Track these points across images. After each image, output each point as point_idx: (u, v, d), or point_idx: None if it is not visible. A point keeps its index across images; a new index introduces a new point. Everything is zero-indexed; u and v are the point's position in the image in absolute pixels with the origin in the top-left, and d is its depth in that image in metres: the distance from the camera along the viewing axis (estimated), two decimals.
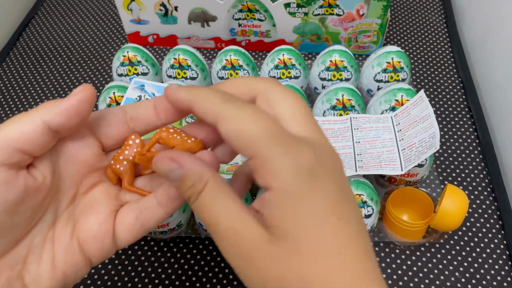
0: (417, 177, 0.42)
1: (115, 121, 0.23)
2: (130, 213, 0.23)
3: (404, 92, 0.44)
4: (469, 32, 0.60)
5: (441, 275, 0.40)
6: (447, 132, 0.50)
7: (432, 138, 0.37)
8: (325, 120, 0.43)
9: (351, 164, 0.40)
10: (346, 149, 0.41)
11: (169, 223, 0.38)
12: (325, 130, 0.43)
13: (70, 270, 0.22)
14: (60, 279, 0.22)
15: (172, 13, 0.56)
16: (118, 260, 0.41)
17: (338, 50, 0.48)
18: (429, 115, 0.38)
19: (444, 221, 0.37)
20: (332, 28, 0.55)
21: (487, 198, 0.45)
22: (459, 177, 0.46)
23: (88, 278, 0.40)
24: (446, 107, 0.53)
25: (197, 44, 0.59)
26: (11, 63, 0.59)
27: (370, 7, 0.52)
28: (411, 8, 0.65)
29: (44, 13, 0.66)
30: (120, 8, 0.56)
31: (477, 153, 0.48)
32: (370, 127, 0.42)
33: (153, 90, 0.43)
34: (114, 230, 0.23)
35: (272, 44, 0.58)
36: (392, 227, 0.40)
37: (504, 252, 0.41)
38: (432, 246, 0.41)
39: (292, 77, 0.48)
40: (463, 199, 0.37)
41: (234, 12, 0.55)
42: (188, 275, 0.40)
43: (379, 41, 0.57)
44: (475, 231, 0.42)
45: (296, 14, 0.54)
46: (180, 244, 0.42)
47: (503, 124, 0.48)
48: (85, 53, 0.60)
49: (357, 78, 0.49)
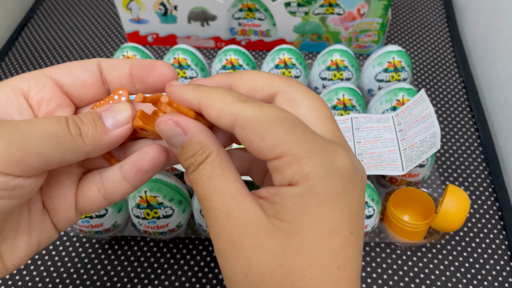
0: (418, 177, 0.42)
1: (91, 82, 0.22)
2: (92, 186, 0.22)
3: (405, 92, 0.43)
4: (471, 31, 0.59)
5: (442, 276, 0.39)
6: (448, 132, 0.50)
7: (433, 138, 0.37)
8: None
9: None
10: None
11: (168, 224, 0.38)
12: None
13: (44, 237, 0.22)
14: (35, 246, 0.21)
15: (172, 12, 0.55)
16: (117, 261, 0.41)
17: (339, 50, 0.48)
18: (430, 114, 0.38)
19: (446, 222, 0.37)
20: (332, 27, 0.55)
21: (489, 198, 0.44)
22: (461, 177, 0.46)
23: (87, 278, 0.40)
24: (447, 107, 0.52)
25: (196, 43, 0.59)
26: (10, 62, 0.59)
27: (371, 6, 0.52)
28: (412, 8, 0.65)
29: (43, 12, 0.66)
30: (120, 8, 0.56)
31: (478, 153, 0.48)
32: (371, 127, 0.42)
33: None
34: (76, 203, 0.22)
35: (272, 43, 0.58)
36: (393, 228, 0.39)
37: (505, 253, 0.41)
38: (433, 247, 0.41)
39: (293, 76, 0.48)
40: (464, 199, 0.37)
41: (234, 11, 0.54)
42: (188, 276, 0.40)
43: (380, 40, 0.56)
44: (477, 232, 0.42)
45: (297, 13, 0.54)
46: (179, 244, 0.42)
47: (504, 124, 0.48)
48: (84, 53, 0.60)
49: (357, 78, 0.49)
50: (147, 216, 0.37)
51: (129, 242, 0.42)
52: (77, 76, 0.21)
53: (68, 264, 0.41)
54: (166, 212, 0.37)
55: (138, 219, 0.38)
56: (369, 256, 0.41)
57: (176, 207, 0.37)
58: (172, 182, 0.38)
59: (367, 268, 0.40)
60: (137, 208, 0.37)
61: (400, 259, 0.41)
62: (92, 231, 0.38)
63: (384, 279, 0.39)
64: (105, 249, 0.42)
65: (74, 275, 0.40)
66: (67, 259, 0.41)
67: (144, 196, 0.37)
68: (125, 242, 0.42)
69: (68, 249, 0.42)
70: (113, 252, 0.41)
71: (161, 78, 0.21)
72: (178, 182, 0.39)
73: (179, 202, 0.38)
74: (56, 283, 0.40)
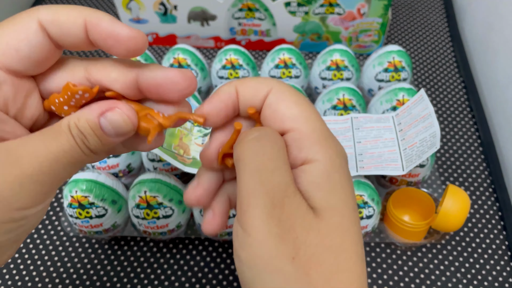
0: (418, 177, 0.42)
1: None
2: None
3: (405, 92, 0.43)
4: (471, 31, 0.59)
5: (442, 276, 0.39)
6: (449, 132, 0.50)
7: (433, 138, 0.36)
8: (325, 120, 0.43)
9: (352, 164, 0.39)
10: (347, 149, 0.41)
11: (168, 224, 0.38)
12: None
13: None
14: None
15: (172, 12, 0.55)
16: (117, 261, 0.41)
17: (339, 50, 0.48)
18: (429, 114, 0.38)
19: (446, 222, 0.37)
20: (332, 27, 0.55)
21: (489, 198, 0.44)
22: (461, 177, 0.46)
23: (87, 279, 0.40)
24: (447, 107, 0.52)
25: (196, 43, 0.59)
26: None
27: (371, 6, 0.52)
28: (412, 7, 0.65)
29: None
30: (119, 7, 0.56)
31: (478, 153, 0.48)
32: (371, 127, 0.42)
33: None
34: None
35: (272, 43, 0.58)
36: (393, 228, 0.39)
37: (506, 253, 0.41)
38: (433, 247, 0.41)
39: (293, 76, 0.48)
40: (464, 199, 0.37)
41: (234, 11, 0.54)
42: (188, 276, 0.40)
43: (380, 40, 0.56)
44: (477, 232, 0.42)
45: (297, 13, 0.53)
46: (179, 245, 0.42)
47: (505, 124, 0.48)
48: (84, 52, 0.60)
49: (358, 77, 0.49)
50: (147, 216, 0.37)
51: (128, 242, 0.42)
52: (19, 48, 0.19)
53: (68, 264, 0.41)
54: (166, 212, 0.37)
55: (137, 219, 0.38)
56: (369, 256, 0.41)
57: (176, 207, 0.37)
58: (172, 182, 0.38)
59: (367, 268, 0.40)
60: (136, 208, 0.37)
61: (400, 259, 0.41)
62: (92, 231, 0.38)
63: (384, 279, 0.39)
64: (104, 249, 0.41)
65: (73, 275, 0.40)
66: (66, 260, 0.41)
67: (144, 196, 0.37)
68: (125, 242, 0.42)
69: (68, 249, 0.41)
70: (112, 252, 0.41)
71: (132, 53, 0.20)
72: (178, 182, 0.39)
73: (179, 202, 0.38)
74: (56, 284, 0.39)
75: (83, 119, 0.19)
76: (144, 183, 0.37)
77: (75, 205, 0.37)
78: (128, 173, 0.43)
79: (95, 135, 0.19)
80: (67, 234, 0.42)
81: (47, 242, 0.42)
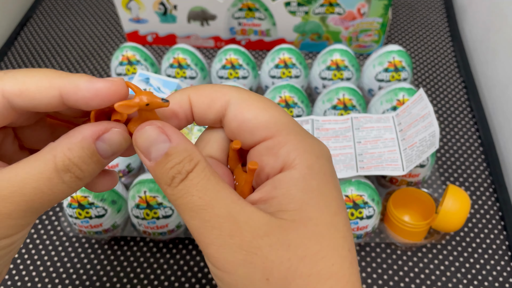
0: (418, 177, 0.42)
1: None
2: None
3: (405, 91, 0.43)
4: (471, 31, 0.59)
5: (442, 277, 0.39)
6: (449, 132, 0.50)
7: (432, 137, 0.36)
8: (325, 120, 0.43)
9: (352, 164, 0.39)
10: (347, 149, 0.41)
11: (168, 224, 0.38)
12: (326, 130, 0.42)
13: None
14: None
15: (171, 12, 0.55)
16: (116, 261, 0.41)
17: (339, 50, 0.48)
18: (429, 113, 0.38)
19: (446, 222, 0.37)
20: (332, 27, 0.55)
21: (489, 198, 0.44)
22: (461, 177, 0.46)
23: (87, 279, 0.40)
24: (447, 107, 0.52)
25: (196, 43, 0.59)
26: (9, 62, 0.59)
27: (371, 6, 0.52)
28: (412, 7, 0.64)
29: (43, 12, 0.66)
30: (119, 7, 0.56)
31: (479, 153, 0.48)
32: (371, 127, 0.42)
33: (158, 84, 0.43)
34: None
35: (272, 43, 0.58)
36: (394, 228, 0.39)
37: (506, 253, 0.41)
38: (433, 247, 0.41)
39: (293, 76, 0.48)
40: (465, 199, 0.37)
41: (234, 11, 0.54)
42: (188, 277, 0.40)
43: (380, 40, 0.56)
44: (477, 232, 0.42)
45: (297, 13, 0.53)
46: (179, 245, 0.42)
47: (505, 124, 0.48)
48: (84, 52, 0.60)
49: (358, 77, 0.49)
50: (147, 216, 0.37)
51: (128, 242, 0.42)
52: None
53: (68, 264, 0.41)
54: (165, 212, 0.37)
55: (137, 219, 0.38)
56: (369, 257, 0.41)
57: None
58: None
59: (367, 268, 0.40)
60: (136, 208, 0.37)
61: (400, 260, 0.40)
62: (92, 232, 0.38)
63: (384, 280, 0.39)
64: (104, 250, 0.41)
65: (73, 275, 0.40)
66: (66, 260, 0.41)
67: (143, 196, 0.37)
68: (125, 242, 0.42)
69: (68, 249, 0.41)
70: (112, 252, 0.41)
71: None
72: None
73: None
74: (56, 284, 0.39)
75: (76, 148, 0.18)
76: (144, 183, 0.37)
77: (75, 205, 0.37)
78: (127, 173, 0.43)
79: (91, 162, 0.18)
80: (67, 234, 0.42)
81: (47, 242, 0.42)
